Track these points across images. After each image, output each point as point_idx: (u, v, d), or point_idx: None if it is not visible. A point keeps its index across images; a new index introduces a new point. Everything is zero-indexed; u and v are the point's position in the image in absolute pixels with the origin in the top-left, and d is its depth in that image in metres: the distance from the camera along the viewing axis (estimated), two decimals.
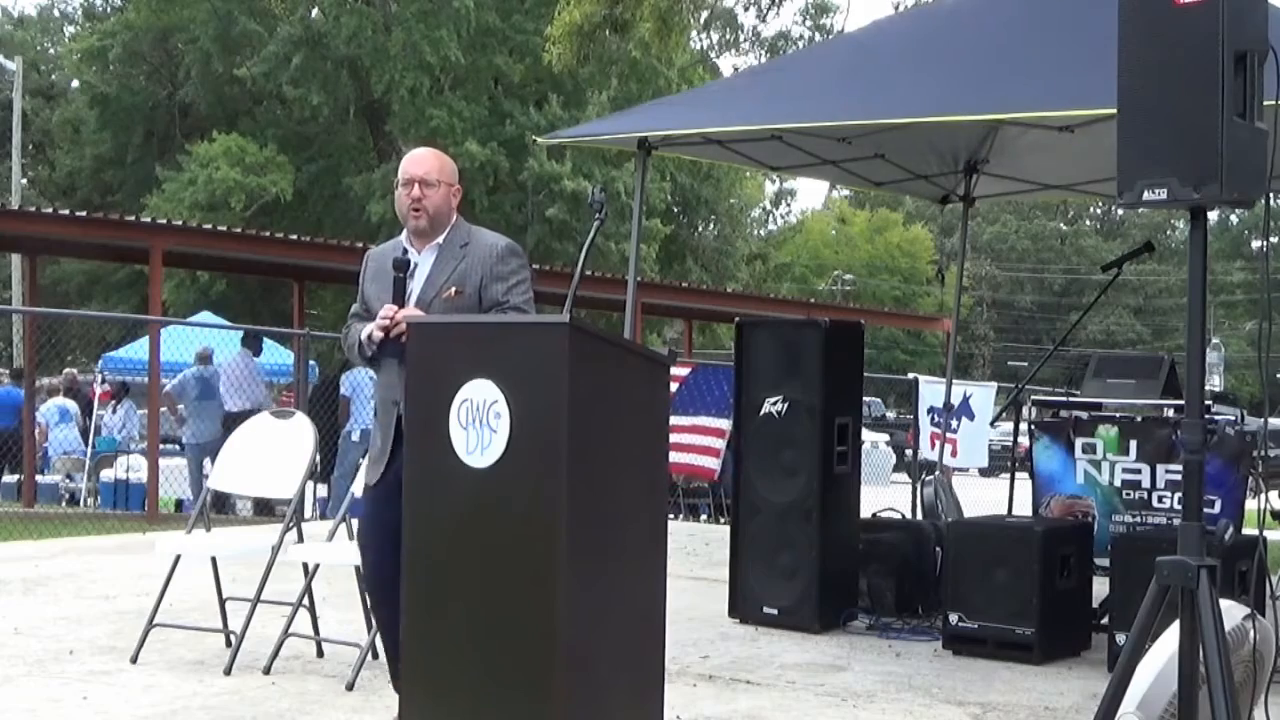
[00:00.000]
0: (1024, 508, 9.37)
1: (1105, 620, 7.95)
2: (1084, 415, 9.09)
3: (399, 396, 5.70)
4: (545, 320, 5.15)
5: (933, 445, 15.11)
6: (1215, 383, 44.48)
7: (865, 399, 12.61)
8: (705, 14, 30.28)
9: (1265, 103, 4.25)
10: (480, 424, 4.98)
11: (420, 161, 6.13)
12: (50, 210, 23.49)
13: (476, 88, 42.72)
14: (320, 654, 7.39)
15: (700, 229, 50.98)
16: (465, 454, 5.01)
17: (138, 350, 21.60)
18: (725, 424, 16.38)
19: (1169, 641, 4.33)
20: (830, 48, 16.47)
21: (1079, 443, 8.99)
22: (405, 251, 6.00)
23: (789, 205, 79.72)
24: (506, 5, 42.99)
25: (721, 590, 9.05)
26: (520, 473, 4.94)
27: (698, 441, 15.36)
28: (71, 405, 21.35)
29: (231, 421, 16.24)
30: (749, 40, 51.15)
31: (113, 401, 22.01)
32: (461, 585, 5.13)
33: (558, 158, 40.02)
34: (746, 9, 43.49)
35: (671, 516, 12.28)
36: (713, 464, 16.38)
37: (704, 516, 18.31)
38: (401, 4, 41.77)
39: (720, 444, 16.61)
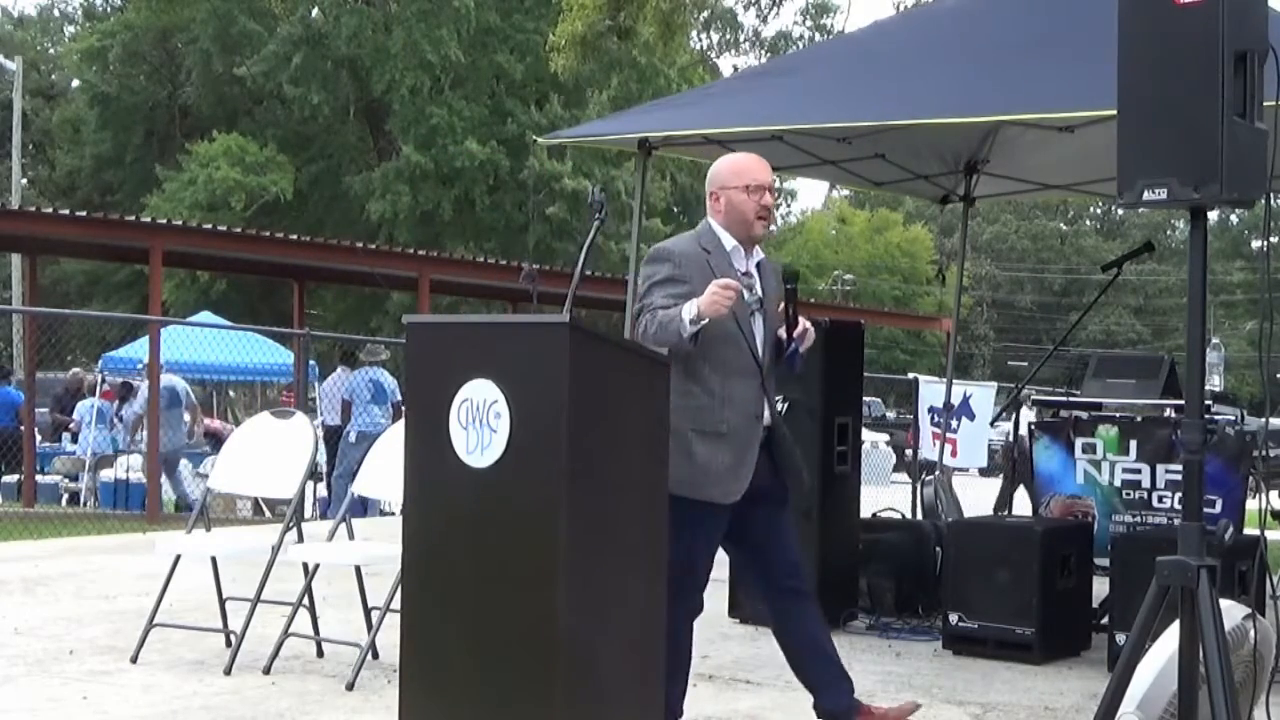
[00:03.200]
0: (1024, 508, 9.37)
1: (1105, 620, 7.95)
2: (1084, 415, 9.10)
3: (759, 410, 5.65)
4: (545, 320, 5.14)
5: (933, 445, 15.11)
6: (1215, 383, 44.45)
7: (865, 399, 12.60)
8: (705, 14, 30.32)
9: (1265, 103, 4.25)
10: (480, 424, 4.98)
11: (766, 168, 5.94)
12: (50, 210, 23.48)
13: (477, 87, 42.71)
14: (320, 654, 7.39)
15: None
16: (465, 454, 5.01)
17: (138, 350, 21.58)
18: None
19: (1169, 641, 4.34)
20: (830, 48, 16.48)
21: (1079, 443, 8.99)
22: (731, 256, 5.79)
23: (789, 205, 79.65)
24: (507, 4, 42.98)
25: (721, 590, 9.03)
26: (520, 473, 4.94)
27: None
28: (107, 406, 21.31)
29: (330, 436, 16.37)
30: (749, 40, 51.18)
31: (117, 401, 22.01)
32: (461, 585, 5.13)
33: (558, 157, 40.01)
34: (747, 9, 43.62)
35: None
36: None
37: None
38: (402, 3, 41.78)
39: None
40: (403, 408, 5.75)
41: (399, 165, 41.74)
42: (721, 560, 9.28)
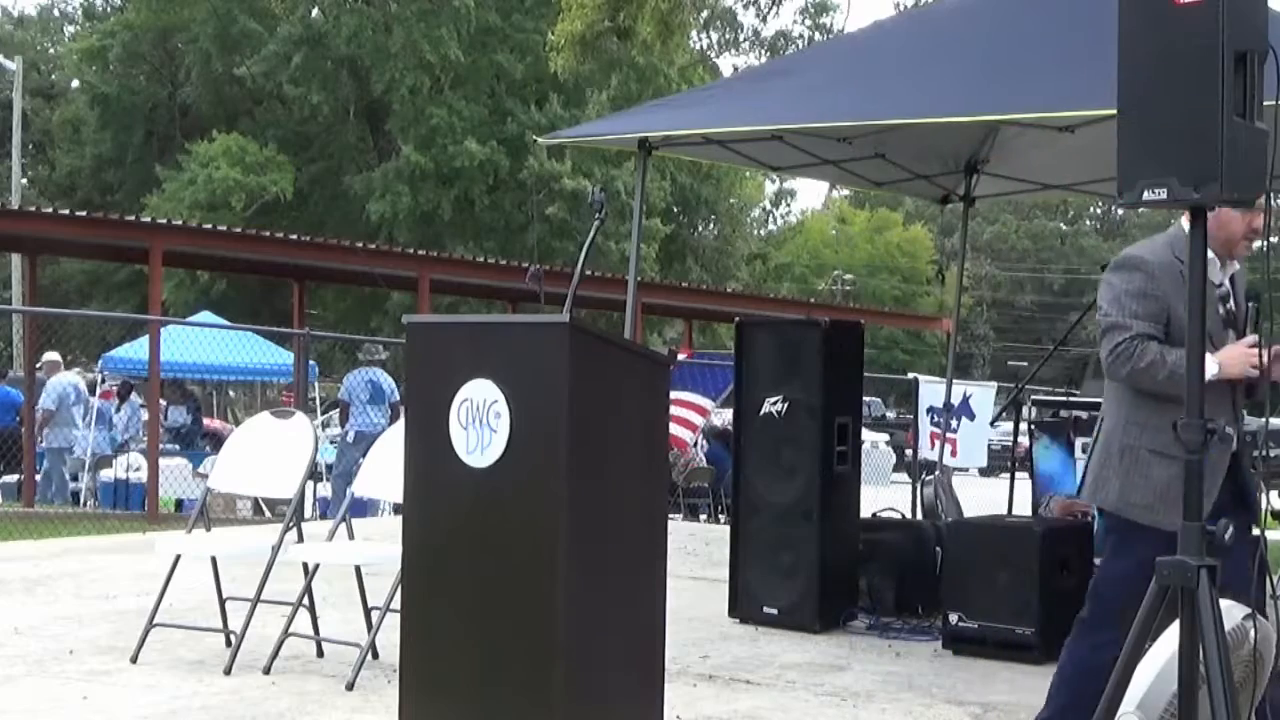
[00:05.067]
0: (1024, 507, 9.37)
1: None
2: (1084, 415, 9.10)
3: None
4: (545, 320, 5.15)
5: (932, 445, 15.10)
6: None
7: (865, 399, 12.60)
8: (705, 14, 30.33)
9: (1265, 102, 4.25)
10: (480, 424, 4.99)
11: None
12: (50, 210, 23.49)
13: (477, 87, 42.72)
14: (320, 654, 7.39)
15: (700, 229, 50.97)
16: (465, 454, 5.02)
17: (138, 350, 21.58)
18: (708, 403, 16.71)
19: (1169, 641, 4.33)
20: (830, 47, 16.49)
21: (1079, 442, 8.99)
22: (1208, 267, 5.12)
23: (789, 205, 79.68)
24: (507, 4, 42.99)
25: (721, 590, 9.05)
26: (520, 473, 4.95)
27: (677, 413, 15.54)
28: (106, 405, 21.29)
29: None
30: (749, 40, 51.18)
31: (117, 400, 22.01)
32: (461, 585, 5.14)
33: (558, 157, 40.00)
34: (746, 8, 43.60)
35: (671, 516, 12.29)
36: (686, 435, 16.73)
37: (704, 516, 18.34)
38: (402, 3, 41.80)
39: (699, 420, 17.00)
40: (401, 408, 5.76)
41: (399, 165, 41.76)
42: (722, 560, 9.32)
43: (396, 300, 36.40)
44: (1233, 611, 4.56)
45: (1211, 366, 4.98)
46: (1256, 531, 5.18)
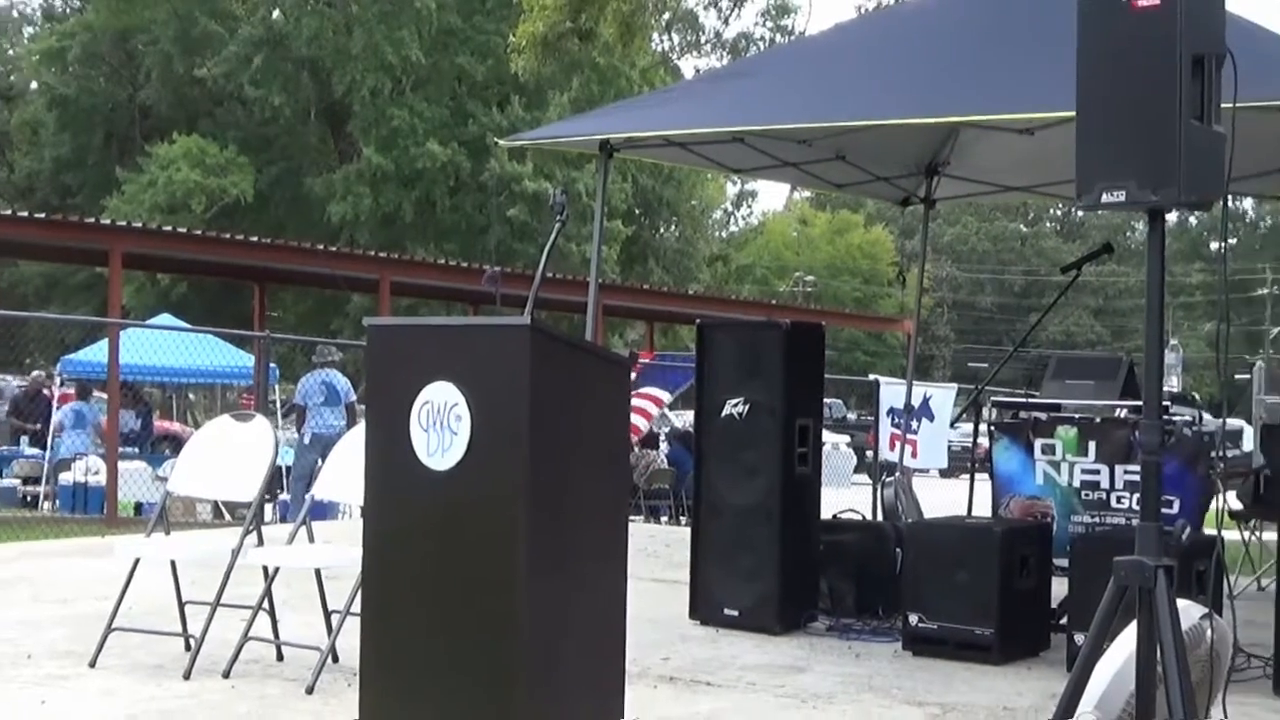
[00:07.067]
0: (984, 508, 9.39)
1: (1064, 620, 7.97)
2: (1043, 416, 9.14)
3: None
4: (506, 322, 5.14)
5: (893, 446, 15.15)
6: (1173, 383, 44.70)
7: (826, 400, 12.63)
8: (667, 16, 30.35)
9: (1222, 105, 4.28)
10: (441, 426, 4.98)
11: None
12: (9, 212, 23.36)
13: (438, 88, 42.70)
14: (280, 658, 7.36)
15: (662, 231, 51.02)
16: (426, 456, 5.02)
17: (97, 353, 21.47)
18: (665, 395, 17.00)
19: (1127, 641, 4.36)
20: (792, 50, 16.51)
21: (1038, 444, 9.03)
22: None
23: (750, 207, 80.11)
24: (468, 5, 42.95)
25: (682, 592, 9.04)
26: (481, 475, 4.95)
27: (635, 403, 15.69)
28: (87, 409, 21.15)
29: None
30: (710, 42, 51.27)
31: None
32: (422, 587, 5.13)
33: (519, 159, 40.00)
34: (708, 10, 43.64)
35: (632, 518, 12.29)
36: (641, 424, 17.00)
37: (664, 518, 18.34)
38: (363, 5, 41.70)
39: (655, 410, 17.28)
40: (359, 410, 5.75)
41: (360, 167, 41.71)
42: (682, 562, 9.31)
43: (357, 303, 36.33)
44: (1190, 611, 4.59)
45: None
46: (1213, 531, 5.20)
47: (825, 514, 9.40)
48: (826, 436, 11.75)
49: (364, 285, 26.32)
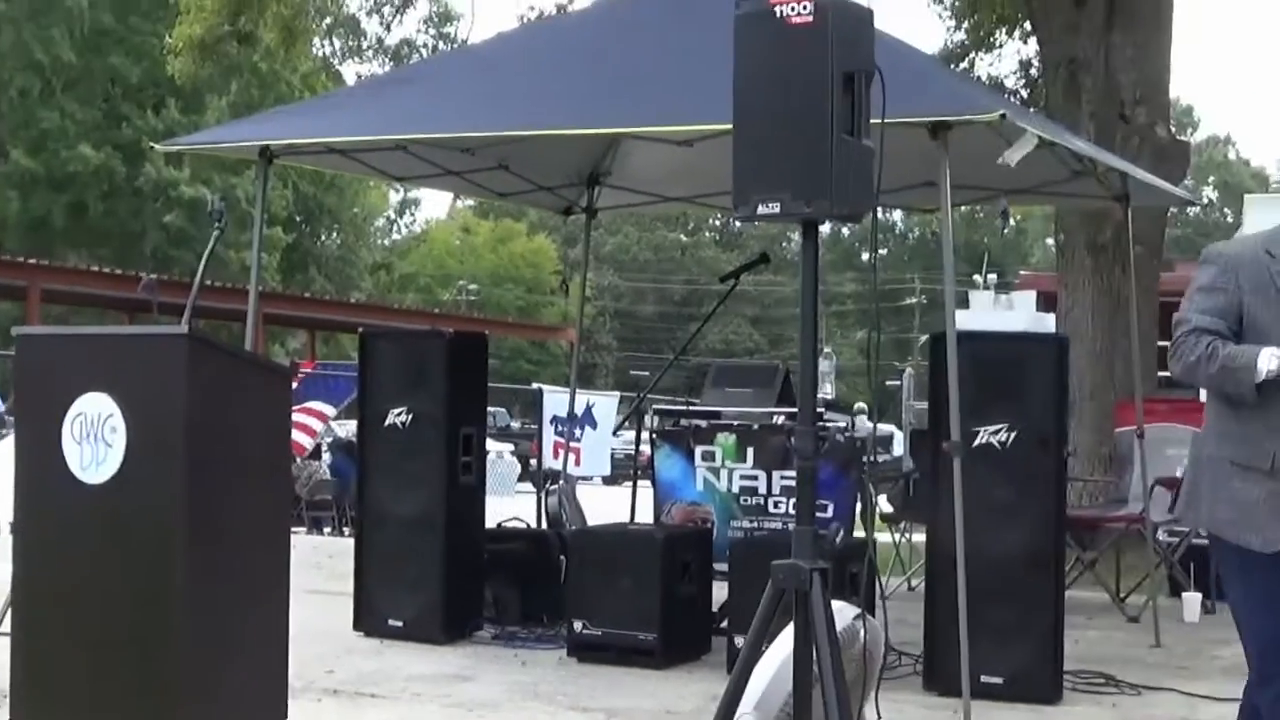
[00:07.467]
0: (647, 515, 9.52)
1: (724, 624, 8.12)
2: (703, 424, 9.30)
3: None
4: (162, 331, 5.04)
5: (556, 454, 15.24)
6: (828, 390, 45.95)
7: (490, 409, 12.64)
8: (329, 21, 30.01)
9: (872, 121, 4.42)
10: (95, 439, 4.85)
11: None
12: None
13: (91, 90, 41.49)
14: None
15: (323, 238, 50.48)
16: (79, 470, 4.87)
17: None
18: (330, 410, 16.82)
19: (784, 643, 4.45)
20: (454, 58, 16.43)
21: (699, 450, 9.20)
22: None
23: (413, 215, 79.54)
24: (123, 6, 41.82)
25: (346, 604, 8.94)
26: (137, 489, 4.83)
27: (298, 419, 15.50)
28: None
29: None
30: (373, 48, 50.78)
31: None
32: (76, 605, 4.98)
33: (176, 164, 39.13)
34: (370, 16, 43.18)
35: (295, 530, 12.08)
36: (306, 441, 16.83)
37: (328, 530, 18.12)
38: (11, 2, 40.23)
39: (319, 426, 17.11)
40: (7, 420, 5.55)
41: (8, 169, 40.23)
42: (346, 573, 9.21)
43: (3, 311, 35.02)
44: (844, 612, 4.72)
45: (1270, 360, 4.48)
46: (863, 534, 5.36)
47: (490, 523, 9.40)
48: (490, 445, 11.76)
49: (12, 292, 25.39)
